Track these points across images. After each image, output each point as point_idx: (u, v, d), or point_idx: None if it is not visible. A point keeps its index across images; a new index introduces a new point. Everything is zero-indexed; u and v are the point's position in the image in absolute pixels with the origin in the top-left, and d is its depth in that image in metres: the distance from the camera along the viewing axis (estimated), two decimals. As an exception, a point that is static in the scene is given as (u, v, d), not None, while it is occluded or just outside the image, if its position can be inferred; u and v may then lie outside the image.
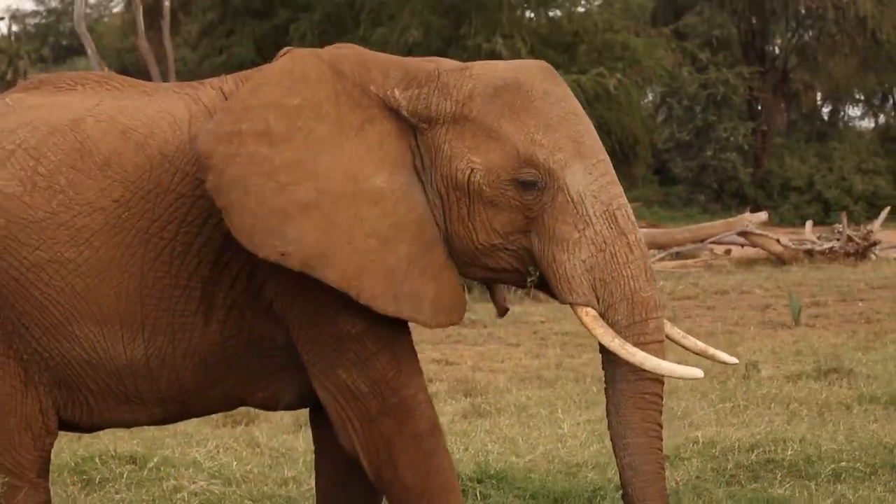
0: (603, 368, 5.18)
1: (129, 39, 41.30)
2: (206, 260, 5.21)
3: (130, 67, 41.50)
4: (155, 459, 7.89)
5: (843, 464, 7.33)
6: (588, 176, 5.03)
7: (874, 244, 23.21)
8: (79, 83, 5.63)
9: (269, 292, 5.21)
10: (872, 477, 7.21)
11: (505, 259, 5.14)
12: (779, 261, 22.64)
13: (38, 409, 5.44)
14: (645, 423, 5.08)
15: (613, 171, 5.13)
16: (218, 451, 8.44)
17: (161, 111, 5.37)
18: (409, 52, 31.63)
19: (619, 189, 5.10)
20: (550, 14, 33.16)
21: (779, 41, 44.31)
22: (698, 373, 5.02)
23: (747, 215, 24.82)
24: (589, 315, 5.02)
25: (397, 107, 5.13)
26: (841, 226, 23.76)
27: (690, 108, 39.41)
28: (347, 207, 5.03)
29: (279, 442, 8.82)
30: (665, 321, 5.18)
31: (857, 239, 23.14)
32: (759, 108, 42.37)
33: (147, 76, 29.18)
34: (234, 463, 7.99)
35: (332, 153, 5.06)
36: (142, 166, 5.24)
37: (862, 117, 49.59)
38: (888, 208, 26.80)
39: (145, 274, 5.22)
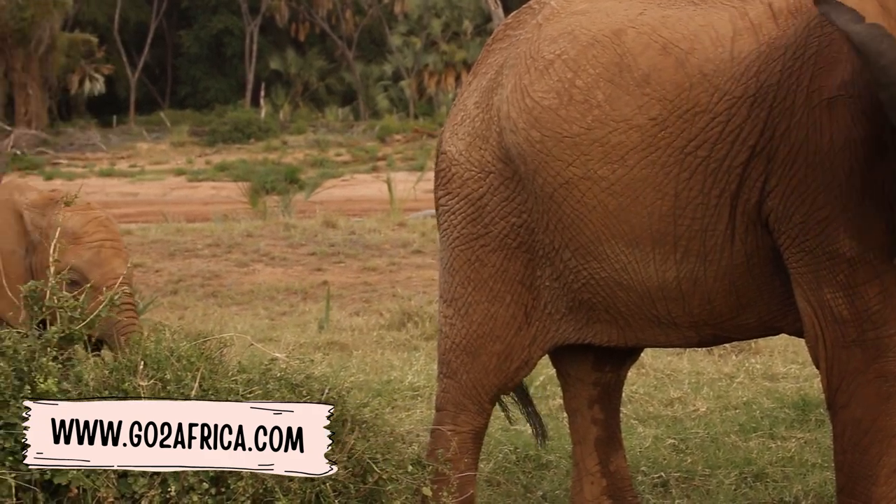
0: None
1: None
2: (734, 174, 4.95)
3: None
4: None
5: None
6: None
7: None
8: None
9: (770, 202, 4.93)
10: None
11: None
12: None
13: (527, 343, 5.47)
14: None
15: None
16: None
17: (705, 25, 5.07)
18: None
19: None
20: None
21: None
22: None
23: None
24: None
25: None
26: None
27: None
28: None
29: (664, 363, 8.94)
30: None
31: None
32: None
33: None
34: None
35: None
36: (681, 84, 5.00)
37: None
38: None
39: (679, 194, 5.01)
